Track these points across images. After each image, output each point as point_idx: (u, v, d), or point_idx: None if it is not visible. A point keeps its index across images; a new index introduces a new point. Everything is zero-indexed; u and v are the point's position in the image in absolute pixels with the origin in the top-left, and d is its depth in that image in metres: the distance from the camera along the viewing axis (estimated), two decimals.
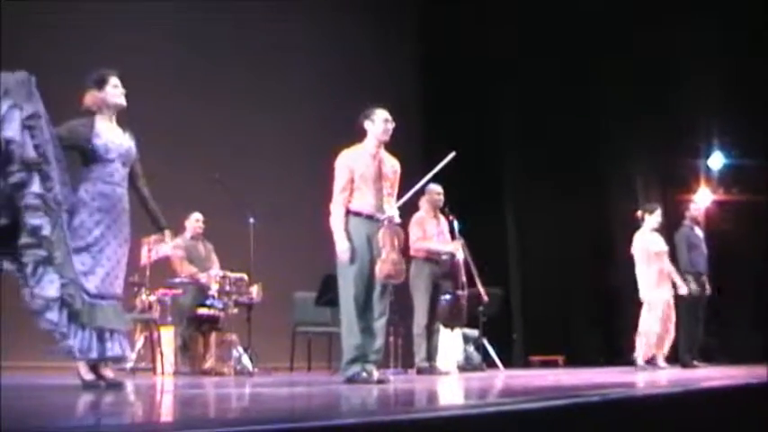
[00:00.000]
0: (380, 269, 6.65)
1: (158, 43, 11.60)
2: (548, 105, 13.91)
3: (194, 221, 9.91)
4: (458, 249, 9.54)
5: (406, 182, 7.11)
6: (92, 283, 5.56)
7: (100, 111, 5.86)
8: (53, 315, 5.38)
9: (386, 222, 6.74)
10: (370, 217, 6.75)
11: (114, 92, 5.89)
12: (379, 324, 6.74)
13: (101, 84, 5.88)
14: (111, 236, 5.72)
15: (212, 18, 12.03)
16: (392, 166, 6.96)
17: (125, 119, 5.98)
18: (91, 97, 5.86)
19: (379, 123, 6.89)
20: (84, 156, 5.77)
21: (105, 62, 6.13)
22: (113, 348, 5.68)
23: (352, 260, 6.65)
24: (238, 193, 9.66)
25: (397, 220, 6.85)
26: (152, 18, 11.60)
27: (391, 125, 6.91)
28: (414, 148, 11.79)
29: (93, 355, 5.58)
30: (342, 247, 6.66)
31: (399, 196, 7.03)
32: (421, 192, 9.09)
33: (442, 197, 9.55)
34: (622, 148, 14.26)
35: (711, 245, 11.20)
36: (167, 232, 6.25)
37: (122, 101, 5.92)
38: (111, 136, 5.81)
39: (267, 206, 10.73)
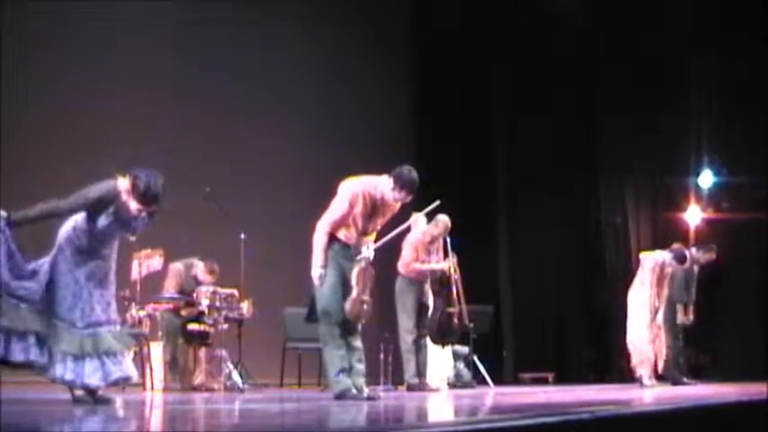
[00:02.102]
0: (351, 308, 6.65)
1: (152, 57, 11.57)
2: (542, 125, 13.92)
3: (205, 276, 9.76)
4: (450, 267, 9.55)
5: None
6: (78, 316, 5.63)
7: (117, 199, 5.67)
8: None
9: (363, 263, 6.74)
10: (346, 245, 6.76)
11: (136, 212, 5.66)
12: (357, 339, 6.82)
13: (141, 199, 5.61)
14: (88, 272, 5.72)
15: (207, 33, 12.01)
16: (392, 208, 6.90)
17: (121, 134, 5.93)
18: (125, 185, 5.61)
19: (399, 193, 6.68)
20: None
21: (99, 75, 6.09)
22: (121, 371, 5.72)
23: (323, 284, 6.68)
24: (230, 208, 9.64)
25: (371, 259, 6.84)
26: (146, 32, 11.56)
27: (408, 199, 6.82)
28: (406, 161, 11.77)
29: (112, 378, 5.68)
30: (315, 273, 6.69)
31: (385, 232, 7.03)
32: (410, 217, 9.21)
33: (447, 231, 9.58)
34: (613, 166, 14.30)
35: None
36: None
37: (133, 215, 5.71)
38: (116, 226, 5.72)
39: (258, 222, 10.70)
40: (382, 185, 6.73)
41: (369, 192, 6.73)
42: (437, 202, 7.36)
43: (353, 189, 6.72)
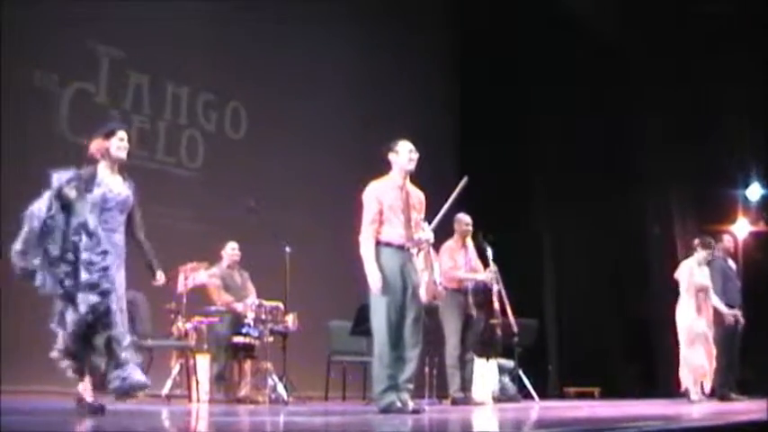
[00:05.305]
0: (427, 291, 6.88)
1: (191, 69, 11.64)
2: (584, 137, 13.88)
3: (230, 250, 9.93)
4: (491, 278, 9.51)
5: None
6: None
7: (103, 159, 6.10)
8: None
9: (425, 245, 6.87)
10: (400, 247, 6.78)
11: (119, 144, 6.14)
12: (414, 354, 6.72)
13: (108, 135, 6.15)
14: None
15: (248, 41, 12.06)
16: (418, 196, 7.01)
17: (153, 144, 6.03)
18: (96, 145, 6.12)
19: (403, 155, 6.93)
20: None
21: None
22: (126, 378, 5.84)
23: (384, 290, 6.66)
24: (274, 221, 9.68)
25: (431, 241, 6.95)
26: (185, 42, 11.58)
27: (415, 155, 6.94)
28: (447, 175, 11.78)
29: (116, 384, 5.77)
30: (374, 278, 6.67)
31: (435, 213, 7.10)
32: (452, 220, 9.14)
33: (470, 227, 9.53)
34: (660, 179, 14.20)
35: (748, 276, 11.08)
36: (159, 276, 6.39)
37: (123, 155, 6.16)
38: (110, 185, 6.05)
39: (303, 234, 10.73)
40: (394, 171, 6.94)
41: (387, 183, 6.93)
42: (465, 179, 7.33)
43: (373, 186, 6.92)
